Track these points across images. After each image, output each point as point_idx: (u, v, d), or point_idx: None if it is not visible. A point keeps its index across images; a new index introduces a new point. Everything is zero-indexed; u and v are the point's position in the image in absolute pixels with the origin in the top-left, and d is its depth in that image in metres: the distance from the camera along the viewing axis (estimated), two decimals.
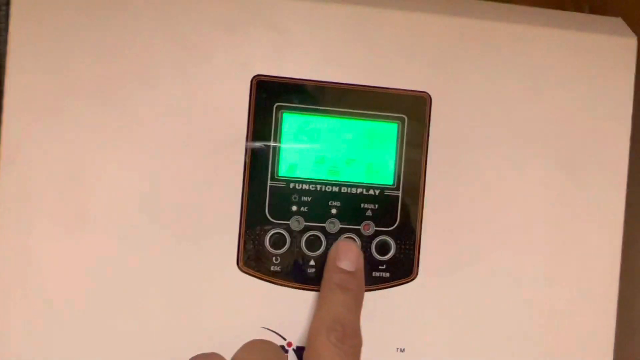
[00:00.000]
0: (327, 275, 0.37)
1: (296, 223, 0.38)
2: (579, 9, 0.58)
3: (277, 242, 0.38)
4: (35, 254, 0.36)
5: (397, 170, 0.39)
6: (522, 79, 0.40)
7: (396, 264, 0.39)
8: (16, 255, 0.36)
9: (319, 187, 0.38)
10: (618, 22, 0.43)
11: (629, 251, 0.42)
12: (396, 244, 0.39)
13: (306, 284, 0.38)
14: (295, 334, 0.38)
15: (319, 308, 0.35)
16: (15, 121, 0.36)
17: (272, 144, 0.38)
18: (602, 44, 0.41)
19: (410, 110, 0.39)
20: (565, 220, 0.40)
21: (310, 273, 0.38)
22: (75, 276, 0.36)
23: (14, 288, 0.36)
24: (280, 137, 0.38)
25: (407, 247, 0.39)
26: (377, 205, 0.39)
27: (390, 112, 0.39)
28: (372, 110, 0.39)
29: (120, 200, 0.37)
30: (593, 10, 0.57)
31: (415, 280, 0.39)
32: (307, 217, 0.38)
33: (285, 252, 0.38)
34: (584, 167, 0.40)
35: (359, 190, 0.38)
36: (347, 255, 0.37)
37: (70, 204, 0.36)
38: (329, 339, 0.32)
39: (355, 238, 0.38)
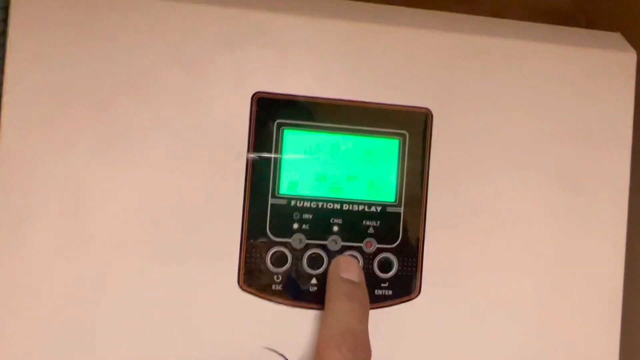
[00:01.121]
0: (332, 286, 0.36)
1: (297, 241, 0.38)
2: (575, 23, 0.58)
3: (278, 260, 0.37)
4: (32, 272, 0.35)
5: (398, 186, 0.39)
6: (523, 94, 0.40)
7: (399, 282, 0.38)
8: (12, 270, 0.35)
9: (320, 204, 0.38)
10: (617, 37, 0.43)
11: (631, 262, 0.42)
12: (399, 261, 0.38)
13: (308, 303, 0.38)
14: (298, 354, 0.37)
15: (327, 319, 0.34)
16: (12, 133, 0.35)
17: (272, 161, 0.37)
18: (602, 59, 0.41)
19: (412, 127, 0.39)
20: (567, 235, 0.40)
21: (312, 291, 0.38)
22: (72, 295, 0.36)
23: (10, 306, 0.35)
24: (281, 154, 0.38)
25: (410, 264, 0.38)
26: (379, 222, 0.38)
27: (391, 129, 0.39)
28: (373, 127, 0.38)
29: (119, 219, 0.36)
30: (590, 25, 0.57)
31: (419, 297, 0.38)
32: (308, 234, 0.38)
33: (286, 270, 0.37)
34: (585, 181, 0.40)
35: (361, 207, 0.38)
36: (349, 267, 0.36)
37: (67, 221, 0.36)
38: (340, 350, 0.31)
39: (357, 256, 0.38)
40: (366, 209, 0.38)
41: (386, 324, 0.38)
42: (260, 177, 0.37)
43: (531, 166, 0.40)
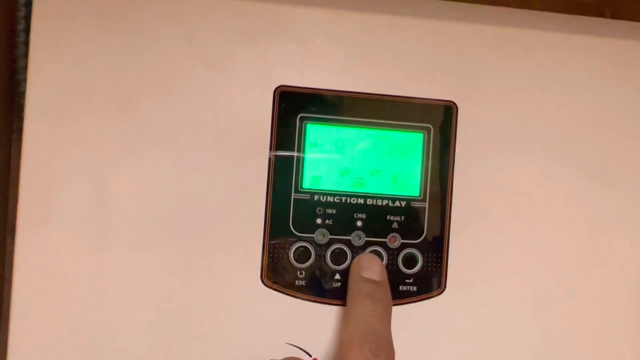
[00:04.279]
0: (353, 286, 0.36)
1: (321, 236, 0.37)
2: (600, 15, 0.57)
3: (302, 255, 0.37)
4: (57, 268, 0.35)
5: (423, 181, 0.38)
6: (550, 86, 0.39)
7: (423, 278, 0.38)
8: (38, 268, 0.35)
9: (343, 199, 0.37)
10: None
11: None
12: (423, 257, 0.38)
13: (331, 299, 0.37)
14: (321, 350, 0.37)
15: (348, 320, 0.34)
16: (35, 133, 0.35)
17: (295, 155, 0.37)
18: (631, 50, 0.40)
19: (436, 120, 0.38)
20: (597, 230, 0.39)
21: (336, 287, 0.37)
22: (96, 290, 0.36)
23: (37, 304, 0.35)
24: (304, 149, 0.37)
25: (435, 260, 0.38)
26: (403, 217, 0.38)
27: (415, 122, 0.38)
28: (397, 120, 0.38)
29: (142, 214, 0.36)
30: (615, 17, 0.56)
31: (443, 294, 0.38)
32: (332, 230, 0.37)
33: (309, 266, 0.37)
34: (616, 175, 0.39)
35: (385, 202, 0.38)
36: (371, 266, 0.36)
37: (90, 218, 0.36)
38: (362, 352, 0.31)
39: (381, 251, 0.38)
40: (390, 204, 0.38)
41: (411, 320, 0.38)
42: (283, 172, 0.37)
43: (559, 160, 0.39)
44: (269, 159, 0.37)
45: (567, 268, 0.39)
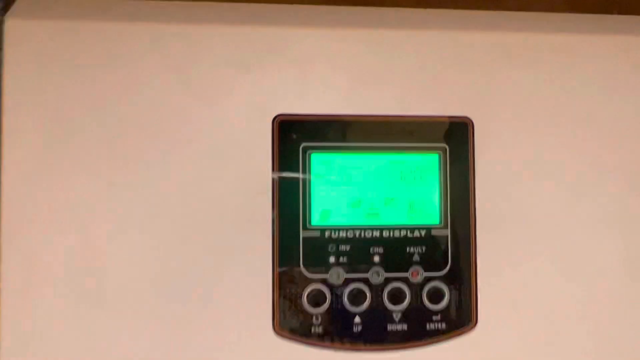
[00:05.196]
0: None
1: (336, 276, 0.34)
2: (608, 12, 0.54)
3: (316, 299, 0.34)
4: (44, 331, 0.32)
5: (443, 206, 0.35)
6: (569, 91, 0.36)
7: (452, 313, 0.34)
8: (24, 332, 0.32)
9: (357, 233, 0.34)
10: None
11: None
12: (450, 290, 0.34)
13: (352, 344, 0.34)
14: None
15: None
16: (13, 185, 0.33)
17: (301, 189, 0.34)
18: None
19: (451, 138, 0.35)
20: (632, 249, 0.36)
21: (357, 331, 0.34)
22: (92, 353, 0.32)
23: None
24: (309, 181, 0.34)
25: (463, 292, 0.35)
26: (424, 248, 0.34)
27: (429, 142, 0.35)
28: (408, 142, 0.35)
29: (139, 265, 0.33)
30: (622, 13, 0.54)
31: (476, 329, 0.34)
32: (347, 268, 0.34)
33: (326, 310, 0.34)
34: None
35: (403, 232, 0.34)
36: None
37: (79, 275, 0.33)
38: None
39: (403, 287, 0.34)
40: (409, 234, 0.34)
41: None
42: (288, 209, 0.34)
43: (589, 172, 0.36)
44: (273, 196, 0.34)
45: (604, 296, 0.35)
